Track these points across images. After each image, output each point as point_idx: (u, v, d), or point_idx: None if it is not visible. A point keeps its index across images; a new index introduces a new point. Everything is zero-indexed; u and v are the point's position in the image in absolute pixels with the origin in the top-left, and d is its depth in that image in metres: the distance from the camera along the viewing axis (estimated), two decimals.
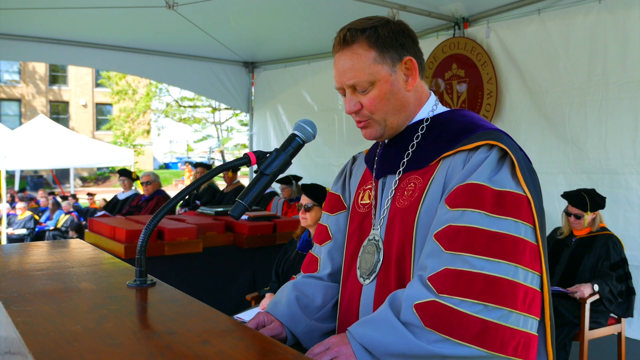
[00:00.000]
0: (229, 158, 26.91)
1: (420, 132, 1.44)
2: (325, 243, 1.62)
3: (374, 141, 1.61)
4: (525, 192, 1.27)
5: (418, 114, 1.46)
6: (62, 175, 24.01)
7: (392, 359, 1.21)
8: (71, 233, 9.88)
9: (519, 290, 1.21)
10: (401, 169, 1.44)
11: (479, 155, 1.31)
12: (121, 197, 7.47)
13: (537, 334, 1.25)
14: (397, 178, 1.44)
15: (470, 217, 1.24)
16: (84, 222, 10.12)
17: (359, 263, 1.47)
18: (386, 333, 1.21)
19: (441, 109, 1.48)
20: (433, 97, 1.49)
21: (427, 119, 1.45)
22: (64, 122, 28.64)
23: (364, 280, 1.44)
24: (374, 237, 1.45)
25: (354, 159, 1.71)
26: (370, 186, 1.53)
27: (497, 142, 1.31)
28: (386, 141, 1.52)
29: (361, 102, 1.40)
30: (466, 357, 1.17)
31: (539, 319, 1.26)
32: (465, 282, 1.19)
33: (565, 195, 4.10)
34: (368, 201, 1.52)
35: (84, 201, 13.86)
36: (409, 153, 1.44)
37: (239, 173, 8.51)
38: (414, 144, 1.44)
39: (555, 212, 5.16)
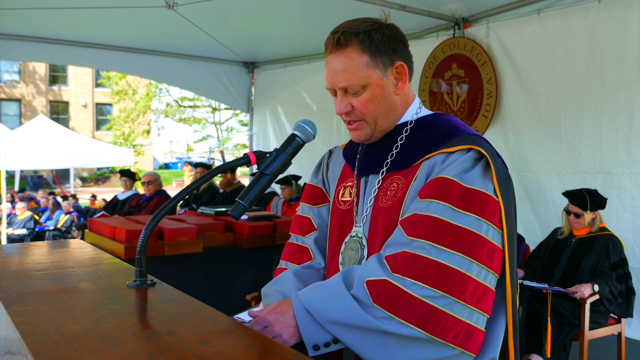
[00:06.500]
0: (229, 158, 26.92)
1: (404, 134, 1.48)
2: (310, 234, 1.63)
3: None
4: (497, 197, 1.32)
5: (403, 116, 1.50)
6: (62, 175, 24.01)
7: (334, 327, 1.26)
8: (75, 233, 9.86)
9: (469, 283, 1.26)
10: (384, 169, 1.48)
11: (457, 155, 1.37)
12: (121, 197, 7.47)
13: (483, 329, 1.29)
14: (380, 178, 1.48)
15: (435, 208, 1.30)
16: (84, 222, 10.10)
17: (342, 259, 1.50)
18: (333, 301, 1.27)
19: (424, 112, 1.53)
20: (417, 101, 1.54)
21: (411, 122, 1.50)
22: (64, 122, 28.63)
23: None
24: (356, 234, 1.48)
25: (330, 152, 1.75)
26: (351, 184, 1.57)
27: (477, 146, 1.37)
28: None
29: (352, 104, 1.43)
30: (407, 336, 1.23)
31: (488, 315, 1.31)
32: (419, 267, 1.25)
33: (567, 194, 4.10)
34: (349, 198, 1.55)
35: (84, 201, 13.87)
36: (392, 154, 1.48)
37: (239, 173, 8.50)
38: (397, 145, 1.48)
39: (549, 211, 5.15)
